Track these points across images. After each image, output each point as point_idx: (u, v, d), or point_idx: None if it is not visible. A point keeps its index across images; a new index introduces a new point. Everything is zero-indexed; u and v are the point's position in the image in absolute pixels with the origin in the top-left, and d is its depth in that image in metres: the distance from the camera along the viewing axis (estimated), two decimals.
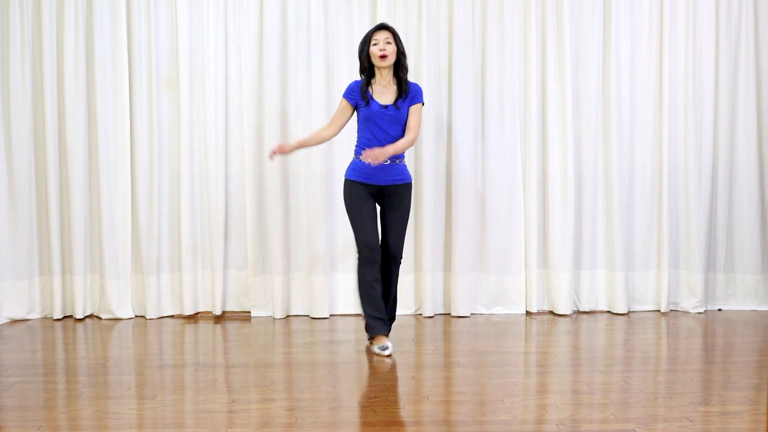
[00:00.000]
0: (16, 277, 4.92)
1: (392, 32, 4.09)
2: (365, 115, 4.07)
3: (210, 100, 4.91)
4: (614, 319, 4.93)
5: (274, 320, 4.93)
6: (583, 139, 5.02)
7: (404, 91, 4.09)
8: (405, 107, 4.09)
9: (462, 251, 4.95)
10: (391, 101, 4.08)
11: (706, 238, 5.07)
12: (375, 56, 4.03)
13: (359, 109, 4.10)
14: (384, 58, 4.03)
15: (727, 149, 5.08)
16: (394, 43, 4.07)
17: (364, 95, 4.06)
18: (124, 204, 4.92)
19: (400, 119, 4.09)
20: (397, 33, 4.12)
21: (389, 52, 4.04)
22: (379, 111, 4.05)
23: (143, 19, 4.88)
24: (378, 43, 4.04)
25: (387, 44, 4.04)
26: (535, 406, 3.24)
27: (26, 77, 4.88)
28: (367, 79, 4.10)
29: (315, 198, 4.91)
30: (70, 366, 3.89)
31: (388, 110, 4.06)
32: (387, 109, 4.06)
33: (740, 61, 5.04)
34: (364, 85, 4.09)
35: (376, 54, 4.03)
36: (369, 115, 4.06)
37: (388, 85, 4.11)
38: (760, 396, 3.31)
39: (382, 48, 4.02)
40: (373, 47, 4.04)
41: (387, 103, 4.07)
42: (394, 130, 4.08)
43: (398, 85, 4.10)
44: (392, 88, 4.11)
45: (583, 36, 4.99)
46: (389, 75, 4.11)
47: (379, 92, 4.09)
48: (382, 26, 4.10)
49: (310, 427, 3.00)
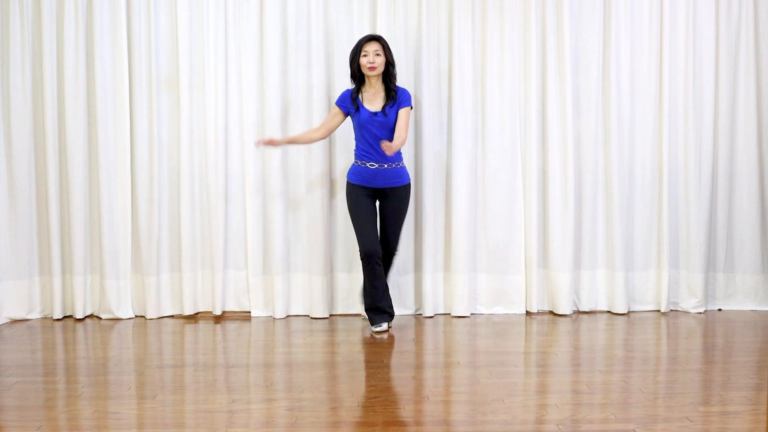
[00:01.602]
0: (16, 277, 4.92)
1: (382, 44, 4.40)
2: (357, 121, 4.44)
3: (210, 100, 4.91)
4: (614, 319, 4.93)
5: (274, 320, 4.93)
6: (583, 139, 5.02)
7: (392, 98, 4.41)
8: (393, 113, 4.41)
9: (462, 251, 4.95)
10: (380, 108, 4.40)
11: (706, 238, 5.07)
12: (364, 67, 4.38)
13: (352, 116, 4.47)
14: (373, 69, 4.36)
15: (727, 149, 5.08)
16: (383, 54, 4.39)
17: (354, 103, 4.44)
18: (124, 204, 4.92)
19: (388, 124, 4.41)
20: (386, 44, 4.44)
21: (378, 63, 4.37)
22: (368, 118, 4.40)
23: (143, 19, 4.88)
24: (368, 55, 4.36)
25: (376, 56, 4.37)
26: (535, 406, 3.25)
27: (26, 77, 4.87)
28: (358, 86, 4.46)
29: (315, 198, 4.91)
30: (70, 366, 3.89)
31: (377, 117, 4.39)
32: (376, 116, 4.39)
33: (740, 61, 5.04)
34: (354, 93, 4.44)
35: (365, 65, 4.36)
36: (360, 122, 4.42)
37: (378, 93, 4.44)
38: (760, 396, 3.32)
39: (371, 60, 4.36)
40: (363, 59, 4.37)
41: (376, 110, 4.40)
42: (384, 135, 4.40)
43: (386, 92, 4.42)
44: (381, 95, 4.44)
45: (583, 36, 4.99)
46: (378, 83, 4.44)
47: (368, 99, 4.43)
48: (372, 37, 4.40)
49: (310, 427, 3.00)
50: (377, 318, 4.54)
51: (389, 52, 4.43)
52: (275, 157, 4.89)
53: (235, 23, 4.93)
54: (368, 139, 4.42)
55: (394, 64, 4.45)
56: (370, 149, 4.42)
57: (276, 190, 4.91)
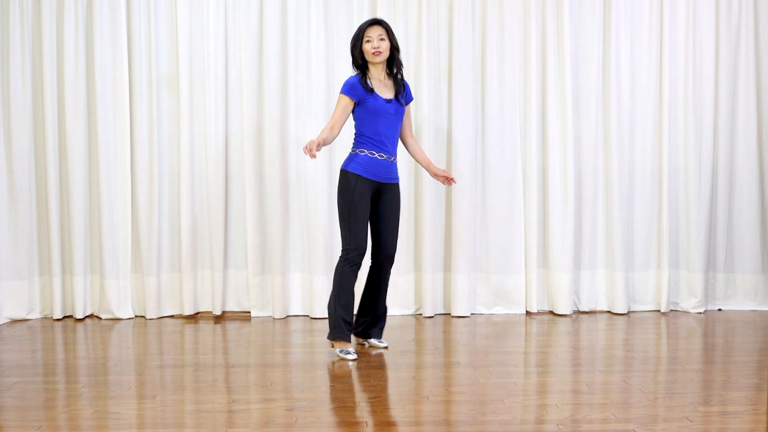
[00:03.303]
0: (16, 277, 4.91)
1: (385, 27, 4.05)
2: (373, 107, 4.00)
3: (210, 100, 4.91)
4: (614, 319, 4.92)
5: (274, 320, 4.93)
6: (583, 139, 5.02)
7: (401, 85, 4.10)
8: (404, 102, 4.11)
9: (462, 251, 4.95)
10: (392, 96, 4.07)
11: (706, 238, 5.07)
12: (368, 53, 4.00)
13: (363, 104, 4.00)
14: (378, 55, 4.00)
15: (727, 149, 5.08)
16: (387, 38, 4.03)
17: (367, 88, 4.00)
18: (124, 204, 4.92)
19: (400, 114, 4.09)
20: (390, 28, 4.08)
21: (383, 48, 4.01)
22: (384, 105, 4.02)
23: (143, 19, 4.88)
24: (371, 40, 3.99)
25: (381, 41, 4.00)
26: (535, 406, 3.24)
27: (26, 77, 4.87)
28: (362, 73, 4.06)
29: (315, 198, 4.90)
30: (70, 366, 3.89)
31: (392, 104, 4.04)
32: (391, 103, 4.04)
33: (740, 61, 5.04)
34: (362, 79, 4.02)
35: (370, 51, 4.00)
36: (375, 109, 4.00)
37: (384, 80, 4.08)
38: (760, 396, 3.31)
39: (376, 45, 3.99)
40: (366, 44, 4.00)
41: (389, 97, 4.05)
42: (394, 124, 4.07)
43: (394, 80, 4.09)
44: (388, 83, 4.09)
45: (583, 36, 4.99)
46: (383, 70, 4.08)
47: (378, 87, 4.06)
48: (375, 21, 4.05)
49: (310, 427, 3.00)
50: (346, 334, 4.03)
51: (393, 36, 4.07)
52: (275, 157, 4.89)
53: (235, 23, 4.93)
54: (382, 127, 4.01)
55: (399, 49, 4.10)
56: (383, 139, 4.02)
57: (276, 190, 4.91)
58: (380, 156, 4.02)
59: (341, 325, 3.98)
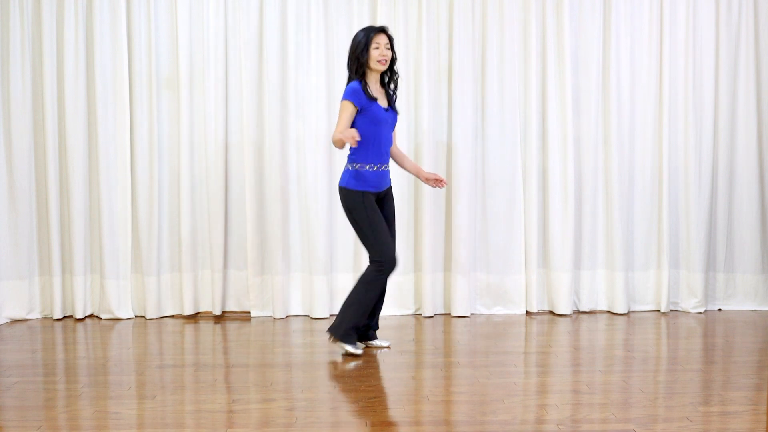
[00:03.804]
0: (16, 277, 4.92)
1: (389, 37, 4.05)
2: (374, 116, 3.98)
3: (210, 100, 4.91)
4: (614, 319, 4.93)
5: (274, 320, 4.93)
6: (583, 138, 5.02)
7: (391, 95, 4.13)
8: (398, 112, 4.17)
9: (462, 251, 4.95)
10: (386, 104, 4.09)
11: (706, 238, 5.07)
12: (374, 59, 3.98)
13: (365, 111, 3.96)
14: (384, 63, 4.00)
15: (727, 149, 5.08)
16: (391, 49, 4.04)
17: (370, 96, 3.97)
18: (124, 204, 4.92)
19: (393, 124, 4.11)
20: (392, 38, 4.09)
21: (389, 57, 4.02)
22: (384, 113, 4.03)
23: (143, 19, 4.88)
24: (380, 48, 3.99)
25: (387, 50, 4.01)
26: (535, 406, 3.24)
27: (26, 77, 4.87)
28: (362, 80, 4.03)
29: (315, 198, 4.90)
30: (70, 366, 3.89)
31: (388, 113, 4.06)
32: (388, 112, 4.06)
33: (740, 61, 5.04)
34: (365, 86, 3.99)
35: (376, 58, 3.98)
36: (377, 118, 3.99)
37: (379, 90, 4.09)
38: (760, 396, 3.31)
39: (383, 53, 3.99)
40: (374, 51, 3.98)
41: (385, 106, 4.07)
42: (390, 133, 4.10)
43: (386, 90, 4.12)
44: (382, 91, 4.11)
45: (583, 36, 4.99)
46: (378, 79, 4.09)
47: (375, 95, 4.05)
48: (382, 29, 4.05)
49: (310, 427, 3.00)
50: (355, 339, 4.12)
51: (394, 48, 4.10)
52: (275, 156, 4.89)
53: (235, 23, 4.93)
54: (381, 138, 4.02)
55: (396, 60, 4.14)
56: (381, 150, 4.03)
57: (276, 190, 4.91)
58: (379, 168, 4.03)
59: (352, 331, 4.06)
